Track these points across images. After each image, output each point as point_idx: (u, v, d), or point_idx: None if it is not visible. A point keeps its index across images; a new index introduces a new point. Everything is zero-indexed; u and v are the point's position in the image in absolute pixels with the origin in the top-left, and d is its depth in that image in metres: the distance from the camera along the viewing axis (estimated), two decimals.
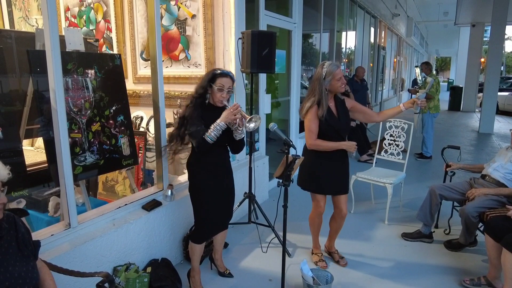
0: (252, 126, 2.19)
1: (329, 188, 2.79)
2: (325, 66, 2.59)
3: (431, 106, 6.19)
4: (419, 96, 2.71)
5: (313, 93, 2.63)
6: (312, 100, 2.62)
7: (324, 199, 2.84)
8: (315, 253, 3.06)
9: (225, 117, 2.21)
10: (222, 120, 2.20)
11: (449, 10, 14.69)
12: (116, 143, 2.92)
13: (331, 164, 2.73)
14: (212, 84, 2.32)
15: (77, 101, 2.61)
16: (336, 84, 2.60)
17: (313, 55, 7.47)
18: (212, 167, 2.43)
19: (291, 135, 5.42)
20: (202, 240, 2.53)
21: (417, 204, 3.52)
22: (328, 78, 2.57)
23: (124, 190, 3.70)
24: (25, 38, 2.93)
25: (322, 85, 2.59)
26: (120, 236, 2.46)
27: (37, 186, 2.96)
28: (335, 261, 3.03)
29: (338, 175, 2.78)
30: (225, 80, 2.32)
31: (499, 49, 10.08)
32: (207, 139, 2.18)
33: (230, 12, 3.57)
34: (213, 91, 2.32)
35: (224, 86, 2.31)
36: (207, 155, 2.38)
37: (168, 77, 3.88)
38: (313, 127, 2.63)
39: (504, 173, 3.02)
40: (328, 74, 2.57)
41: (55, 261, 1.83)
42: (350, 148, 2.67)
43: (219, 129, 2.19)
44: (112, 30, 4.23)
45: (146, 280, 2.43)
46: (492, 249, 2.53)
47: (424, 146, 6.46)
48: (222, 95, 2.31)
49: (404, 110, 2.77)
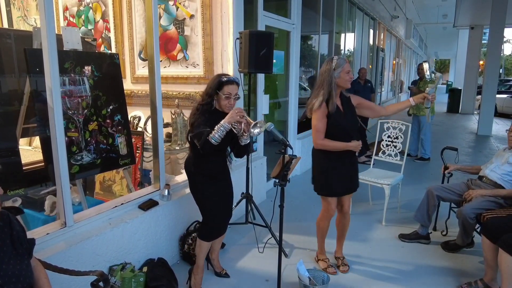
0: (257, 131, 2.16)
1: (342, 190, 2.77)
2: (334, 59, 2.59)
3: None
4: (429, 91, 2.71)
5: (322, 86, 2.60)
6: (322, 94, 2.58)
7: (335, 201, 2.79)
8: (322, 259, 2.97)
9: (229, 118, 2.18)
10: (226, 121, 2.17)
11: (448, 12, 14.76)
12: (113, 142, 2.91)
13: (342, 165, 2.70)
14: (219, 91, 2.31)
15: (74, 100, 2.60)
16: (345, 77, 2.58)
17: (312, 57, 7.47)
18: (211, 167, 2.44)
19: (289, 136, 5.42)
20: (211, 237, 2.52)
21: (415, 205, 3.52)
22: (338, 69, 2.56)
23: (121, 190, 3.70)
24: (25, 37, 2.92)
25: (332, 77, 2.57)
26: (116, 236, 2.46)
27: (34, 185, 2.95)
28: (337, 265, 2.96)
29: (349, 174, 2.75)
30: (232, 88, 2.31)
31: (498, 52, 10.10)
32: (211, 140, 2.15)
33: (228, 12, 3.58)
34: (220, 98, 2.31)
35: (231, 93, 2.31)
36: (207, 158, 2.38)
37: (166, 77, 3.88)
38: (321, 126, 2.60)
39: (501, 174, 3.02)
40: (338, 66, 2.56)
41: (50, 260, 1.82)
42: (356, 148, 2.65)
43: (223, 130, 2.16)
44: (110, 30, 4.24)
45: (142, 280, 2.42)
46: (489, 250, 2.53)
47: (422, 148, 6.46)
48: (230, 102, 2.31)
49: (414, 104, 2.77)
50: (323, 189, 2.74)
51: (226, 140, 2.32)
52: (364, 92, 6.78)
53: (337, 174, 2.69)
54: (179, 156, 3.70)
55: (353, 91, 6.80)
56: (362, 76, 6.95)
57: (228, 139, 2.34)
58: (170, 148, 3.61)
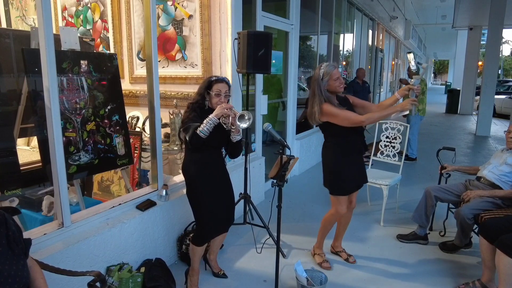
0: (244, 124, 2.20)
1: (353, 187, 2.82)
2: (322, 67, 2.64)
3: (420, 108, 6.20)
4: (414, 82, 2.71)
5: (315, 95, 2.65)
6: (317, 103, 2.62)
7: (346, 201, 2.82)
8: (318, 254, 3.03)
9: (216, 111, 2.25)
10: (213, 115, 2.24)
11: (447, 13, 14.76)
12: (111, 142, 2.91)
13: (352, 161, 2.73)
14: (209, 91, 2.40)
15: (72, 100, 2.60)
16: (334, 84, 2.63)
17: (311, 57, 7.47)
18: (207, 170, 2.43)
19: (287, 136, 5.42)
20: (202, 242, 2.52)
21: (413, 206, 3.52)
22: (326, 78, 2.61)
23: (119, 190, 3.69)
24: (24, 37, 2.91)
25: (320, 85, 2.62)
26: (114, 236, 2.45)
27: (32, 185, 2.94)
28: (344, 259, 3.06)
29: (358, 170, 2.78)
30: (221, 85, 2.40)
31: (496, 52, 10.12)
32: (200, 134, 2.21)
33: (227, 12, 3.58)
34: (211, 97, 2.40)
35: (221, 91, 2.39)
36: (203, 159, 2.41)
37: (165, 77, 3.88)
38: (346, 112, 2.58)
39: (499, 175, 3.02)
40: (326, 74, 2.61)
41: (48, 260, 1.82)
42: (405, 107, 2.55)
43: (212, 124, 2.22)
44: (109, 30, 4.23)
45: (139, 280, 2.41)
46: (487, 251, 2.53)
47: (409, 148, 6.41)
48: (220, 99, 2.38)
49: (399, 98, 2.74)
50: (336, 189, 2.77)
51: (220, 140, 2.39)
52: (363, 92, 6.80)
53: (347, 171, 2.72)
54: (177, 157, 3.69)
55: (352, 91, 6.84)
56: (360, 76, 6.96)
57: (222, 139, 2.40)
58: (168, 148, 3.61)
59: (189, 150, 2.43)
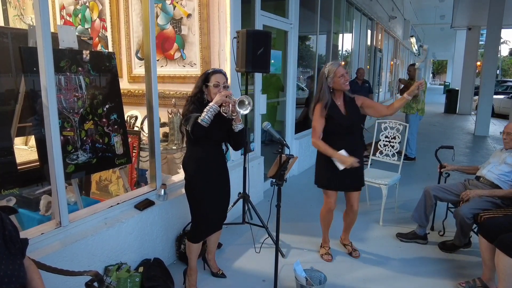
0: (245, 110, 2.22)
1: (339, 185, 2.85)
2: (327, 66, 2.76)
3: (419, 108, 6.21)
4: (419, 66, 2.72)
5: (320, 92, 2.78)
6: (321, 98, 2.76)
7: (334, 195, 2.90)
8: (323, 246, 3.15)
9: (216, 99, 2.23)
10: (213, 102, 2.22)
11: (445, 13, 14.78)
12: (109, 141, 2.90)
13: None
14: (207, 83, 2.37)
15: (70, 99, 2.59)
16: (339, 81, 2.73)
17: (310, 57, 7.46)
18: (208, 166, 2.42)
19: (286, 136, 5.41)
20: (198, 239, 2.51)
21: (412, 206, 3.51)
22: (331, 76, 2.72)
23: (117, 190, 3.68)
24: (22, 36, 2.89)
25: (324, 83, 2.75)
26: (112, 236, 2.44)
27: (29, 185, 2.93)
28: (348, 253, 3.15)
29: (349, 171, 2.75)
30: (219, 76, 2.39)
31: (495, 53, 10.13)
32: (201, 122, 2.18)
33: (225, 11, 3.57)
34: (210, 89, 2.37)
35: (220, 81, 2.38)
36: (203, 154, 2.39)
37: (163, 77, 3.86)
38: (317, 126, 2.77)
39: (498, 174, 3.02)
40: (330, 72, 2.72)
41: (45, 260, 1.80)
42: (345, 163, 2.65)
43: (212, 111, 2.20)
44: (107, 29, 4.21)
45: (137, 280, 2.40)
46: (486, 250, 2.53)
47: (408, 147, 6.40)
48: (219, 90, 2.35)
49: (409, 98, 2.79)
50: (319, 181, 2.91)
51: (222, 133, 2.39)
52: (362, 92, 6.76)
53: (333, 168, 2.73)
54: (176, 156, 3.68)
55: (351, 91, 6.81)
56: (360, 76, 6.95)
57: (224, 132, 2.40)
58: (167, 147, 3.60)
59: (191, 144, 2.42)
